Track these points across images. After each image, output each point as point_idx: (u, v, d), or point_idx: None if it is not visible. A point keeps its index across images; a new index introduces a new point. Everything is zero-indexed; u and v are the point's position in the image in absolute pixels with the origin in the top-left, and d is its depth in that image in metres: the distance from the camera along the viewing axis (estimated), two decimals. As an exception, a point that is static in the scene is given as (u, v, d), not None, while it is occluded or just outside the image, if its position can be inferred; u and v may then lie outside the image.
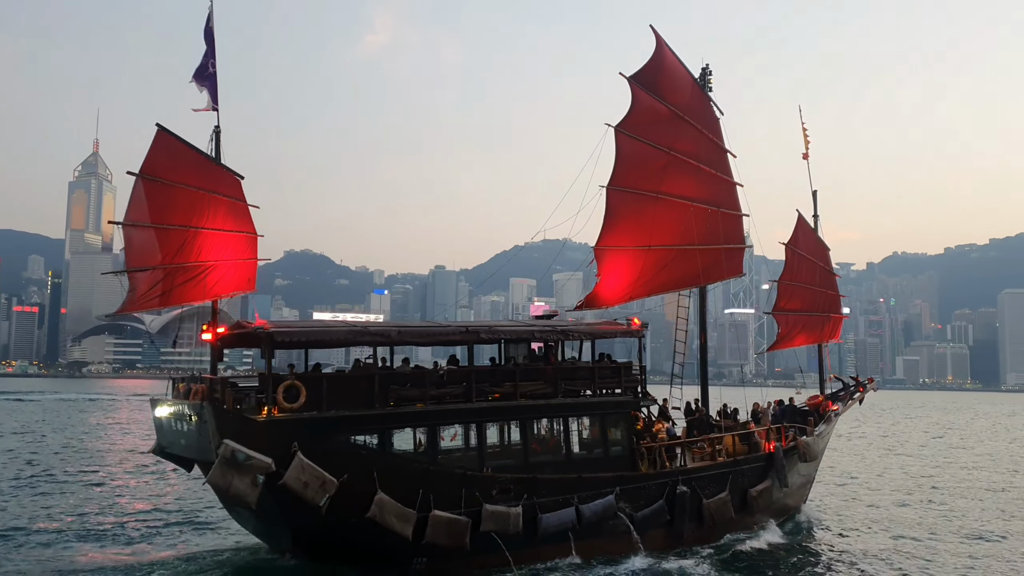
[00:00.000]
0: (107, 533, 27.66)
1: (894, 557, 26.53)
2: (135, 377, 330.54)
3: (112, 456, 52.76)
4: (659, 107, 29.11)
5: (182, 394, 22.27)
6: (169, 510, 32.41)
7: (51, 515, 30.77)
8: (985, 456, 63.46)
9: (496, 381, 23.89)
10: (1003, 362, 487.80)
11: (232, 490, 19.44)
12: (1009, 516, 34.71)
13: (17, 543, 26.04)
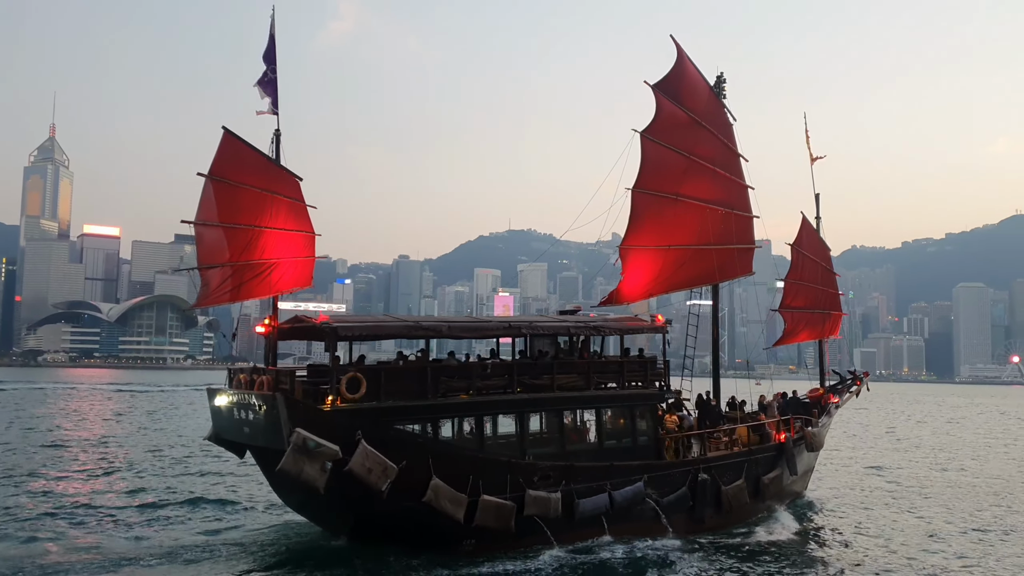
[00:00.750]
0: (160, 516, 29.09)
1: (891, 534, 29.01)
2: (93, 366, 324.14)
3: (165, 442, 54.98)
4: (680, 114, 30.71)
5: (244, 385, 23.42)
6: (222, 493, 34.05)
7: (112, 498, 32.37)
8: (956, 440, 70.54)
9: (535, 374, 25.23)
10: (957, 354, 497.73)
11: (303, 476, 20.42)
12: (982, 493, 39.02)
13: (88, 526, 27.33)
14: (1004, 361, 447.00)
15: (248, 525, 27.74)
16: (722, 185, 31.95)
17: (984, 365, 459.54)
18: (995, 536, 29.15)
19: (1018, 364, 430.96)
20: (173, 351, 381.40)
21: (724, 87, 33.34)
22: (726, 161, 32.16)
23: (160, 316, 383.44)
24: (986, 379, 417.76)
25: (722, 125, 32.40)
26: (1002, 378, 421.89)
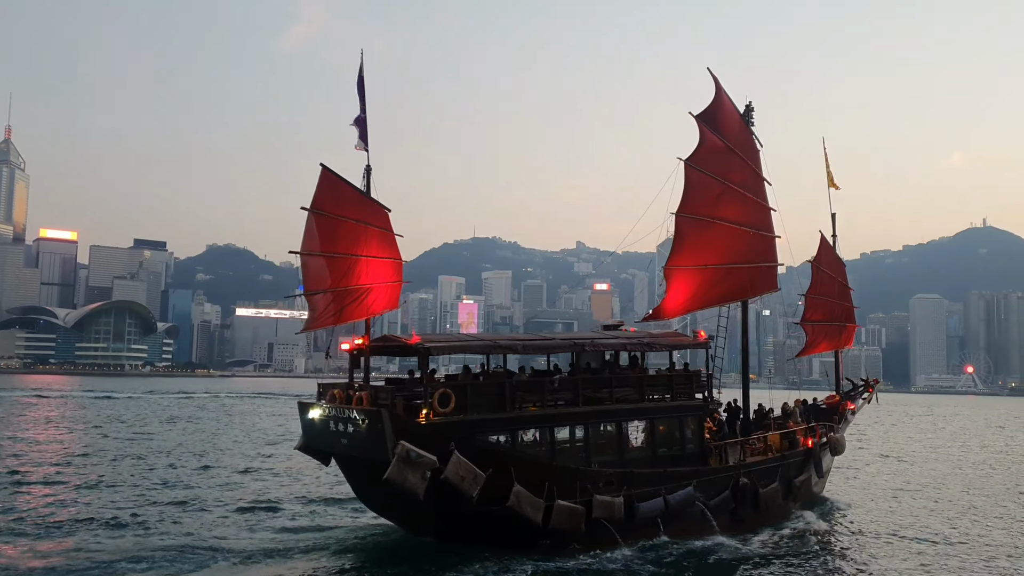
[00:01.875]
0: (248, 518, 31.17)
1: (904, 530, 32.19)
2: (48, 373, 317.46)
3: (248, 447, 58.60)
4: (717, 142, 32.99)
5: (340, 400, 25.66)
6: (309, 495, 36.45)
7: (205, 499, 35.00)
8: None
9: (596, 388, 27.56)
10: (913, 364, 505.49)
11: (407, 484, 22.50)
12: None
13: (184, 525, 29.59)
14: (959, 371, 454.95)
15: (328, 526, 29.70)
16: (751, 208, 34.37)
17: (939, 375, 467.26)
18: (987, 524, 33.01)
19: (972, 374, 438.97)
20: (131, 357, 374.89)
21: (752, 115, 35.75)
22: (754, 185, 34.64)
23: (118, 322, 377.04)
24: (941, 388, 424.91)
25: (751, 152, 34.84)
26: (956, 387, 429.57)
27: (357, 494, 28.10)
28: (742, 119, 34.89)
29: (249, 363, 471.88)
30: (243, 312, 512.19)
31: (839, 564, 26.45)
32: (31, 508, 32.06)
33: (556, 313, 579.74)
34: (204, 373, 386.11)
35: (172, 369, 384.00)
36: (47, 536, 27.14)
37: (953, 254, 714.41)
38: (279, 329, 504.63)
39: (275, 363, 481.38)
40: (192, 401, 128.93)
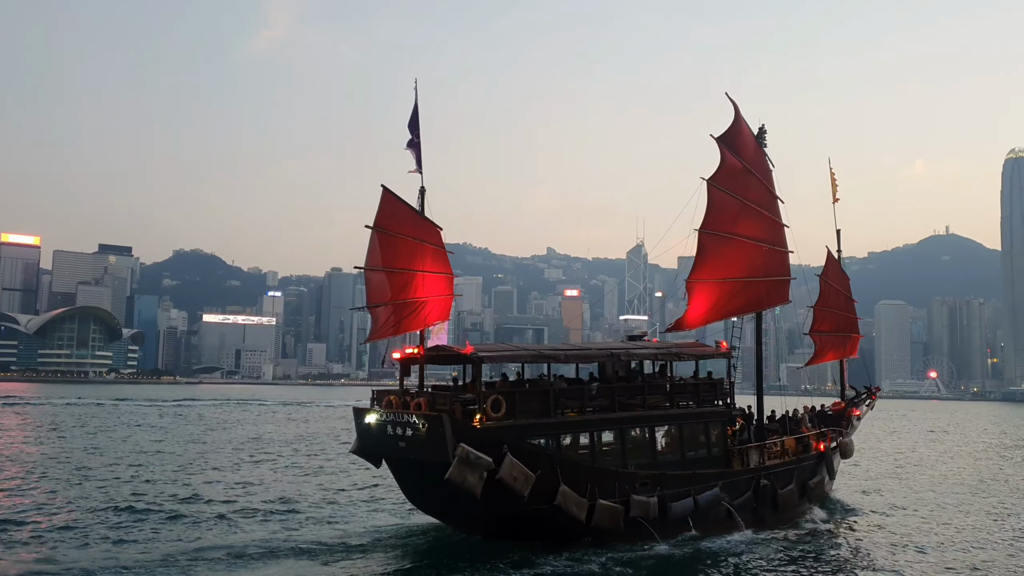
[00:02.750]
0: (295, 517, 33.23)
1: (909, 521, 36.11)
2: (9, 380, 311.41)
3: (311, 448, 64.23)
4: (736, 163, 35.00)
5: (396, 406, 27.26)
6: (351, 496, 39.16)
7: (260, 499, 37.37)
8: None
9: (630, 395, 29.62)
10: (878, 370, 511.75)
11: (466, 483, 24.06)
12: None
13: (233, 523, 31.61)
14: (922, 376, 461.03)
15: (378, 525, 31.51)
16: (766, 225, 36.51)
17: (904, 380, 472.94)
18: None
19: (935, 379, 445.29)
20: (96, 364, 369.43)
21: (765, 137, 38.03)
22: (769, 203, 36.77)
23: (82, 328, 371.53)
24: (906, 393, 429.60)
25: (765, 171, 37.03)
26: (920, 392, 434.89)
27: (407, 495, 29.58)
28: (756, 141, 37.13)
29: (216, 370, 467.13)
30: (210, 318, 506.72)
31: (853, 558, 28.60)
32: (41, 519, 32.11)
33: (527, 319, 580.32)
34: (170, 380, 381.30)
35: (137, 376, 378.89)
36: (90, 547, 27.54)
37: (917, 261, 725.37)
38: (246, 335, 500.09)
39: (243, 370, 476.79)
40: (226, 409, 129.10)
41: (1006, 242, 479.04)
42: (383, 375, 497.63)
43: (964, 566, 27.94)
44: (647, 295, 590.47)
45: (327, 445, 68.12)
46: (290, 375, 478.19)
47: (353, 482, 43.92)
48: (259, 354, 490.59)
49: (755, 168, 35.94)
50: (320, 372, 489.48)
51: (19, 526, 30.35)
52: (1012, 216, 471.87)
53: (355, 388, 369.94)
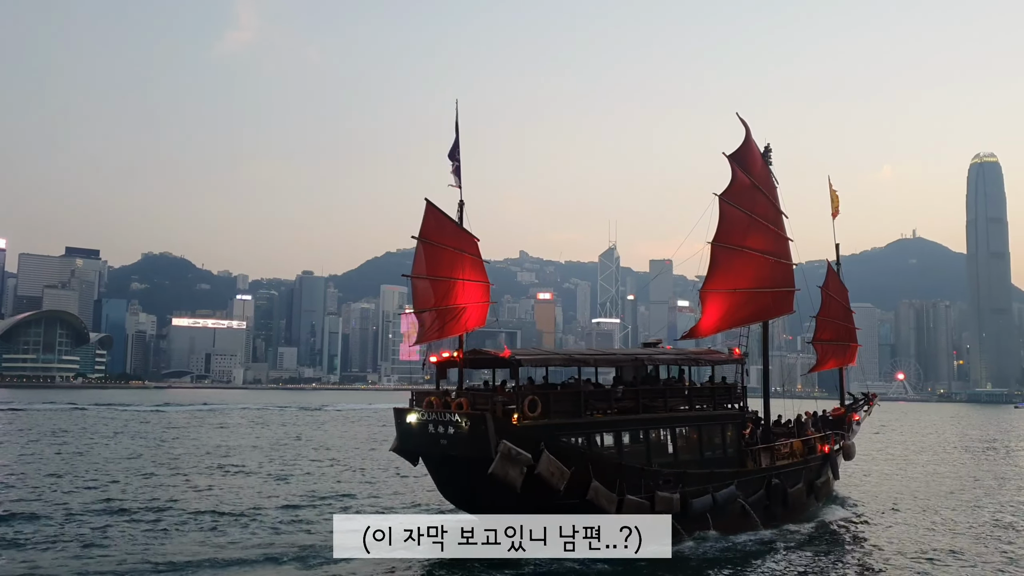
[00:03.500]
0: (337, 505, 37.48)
1: (905, 515, 39.12)
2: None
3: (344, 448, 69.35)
4: (745, 180, 36.97)
5: (437, 406, 28.72)
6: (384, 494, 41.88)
7: (315, 495, 40.87)
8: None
9: (653, 398, 31.35)
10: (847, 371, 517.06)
11: (508, 477, 25.72)
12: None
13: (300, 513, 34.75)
14: (890, 378, 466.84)
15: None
16: (772, 238, 38.50)
17: (872, 382, 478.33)
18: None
19: (903, 381, 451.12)
20: (62, 369, 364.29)
21: (770, 155, 40.19)
22: (775, 218, 38.86)
23: (48, 332, 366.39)
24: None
25: (771, 188, 39.14)
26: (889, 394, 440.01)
27: (442, 490, 31.24)
28: (763, 159, 39.23)
29: (186, 374, 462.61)
30: (179, 322, 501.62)
31: (858, 554, 30.64)
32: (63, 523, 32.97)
33: (499, 323, 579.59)
34: (139, 384, 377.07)
35: (105, 381, 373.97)
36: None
37: (884, 264, 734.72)
38: (216, 339, 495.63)
39: (213, 374, 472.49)
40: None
41: (971, 245, 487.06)
42: (354, 379, 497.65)
43: (957, 550, 31.10)
44: (619, 298, 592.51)
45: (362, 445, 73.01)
46: (261, 379, 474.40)
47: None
48: (229, 358, 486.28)
49: (762, 185, 38.07)
50: (291, 376, 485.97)
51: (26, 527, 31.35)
52: (977, 220, 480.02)
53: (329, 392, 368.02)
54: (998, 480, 55.55)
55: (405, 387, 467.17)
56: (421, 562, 26.31)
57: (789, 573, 27.20)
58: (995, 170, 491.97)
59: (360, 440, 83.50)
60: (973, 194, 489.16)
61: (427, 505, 37.18)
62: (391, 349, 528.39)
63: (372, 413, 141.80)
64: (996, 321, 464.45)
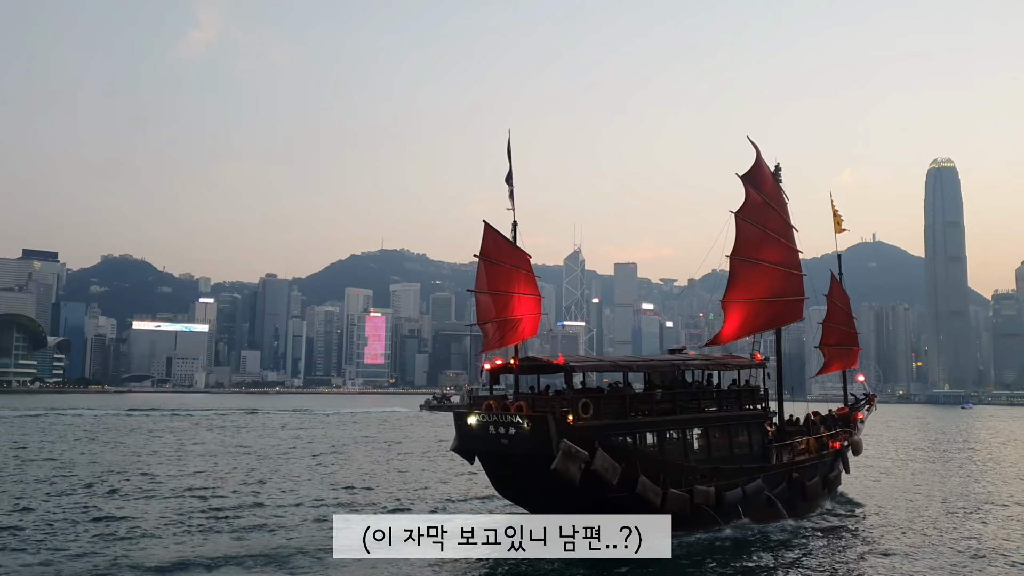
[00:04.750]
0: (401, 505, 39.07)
1: (908, 504, 43.30)
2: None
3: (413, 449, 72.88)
4: (758, 198, 39.89)
5: (496, 409, 31.19)
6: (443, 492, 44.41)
7: (378, 495, 43.19)
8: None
9: (688, 400, 34.41)
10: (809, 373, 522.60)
11: (568, 473, 28.36)
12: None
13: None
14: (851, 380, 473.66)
15: (468, 515, 34.51)
16: (784, 251, 41.39)
17: (833, 384, 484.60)
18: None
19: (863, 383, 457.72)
20: (19, 374, 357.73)
21: (780, 174, 43.01)
22: (786, 232, 41.74)
23: (4, 337, 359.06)
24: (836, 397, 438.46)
25: (781, 204, 42.02)
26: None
27: (497, 486, 33.67)
28: (774, 177, 42.15)
29: (147, 378, 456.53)
30: (140, 325, 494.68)
31: (876, 537, 33.97)
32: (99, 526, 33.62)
33: (465, 325, 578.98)
34: (98, 389, 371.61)
35: (64, 385, 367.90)
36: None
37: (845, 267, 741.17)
38: (178, 343, 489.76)
39: (174, 378, 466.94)
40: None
41: (929, 249, 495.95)
42: (319, 383, 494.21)
43: (957, 535, 34.86)
44: (584, 301, 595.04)
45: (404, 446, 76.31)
46: (223, 383, 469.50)
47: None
48: (191, 362, 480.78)
49: (773, 202, 41.09)
50: (254, 380, 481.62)
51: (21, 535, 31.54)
52: (935, 224, 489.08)
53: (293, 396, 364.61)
54: (963, 476, 59.98)
55: (371, 391, 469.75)
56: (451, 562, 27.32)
57: (814, 555, 30.62)
58: (952, 175, 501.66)
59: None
60: (931, 199, 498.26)
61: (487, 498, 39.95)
62: (356, 352, 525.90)
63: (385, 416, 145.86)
64: (953, 324, 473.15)
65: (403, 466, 59.52)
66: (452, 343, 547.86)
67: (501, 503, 36.50)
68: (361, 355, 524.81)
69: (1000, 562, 29.96)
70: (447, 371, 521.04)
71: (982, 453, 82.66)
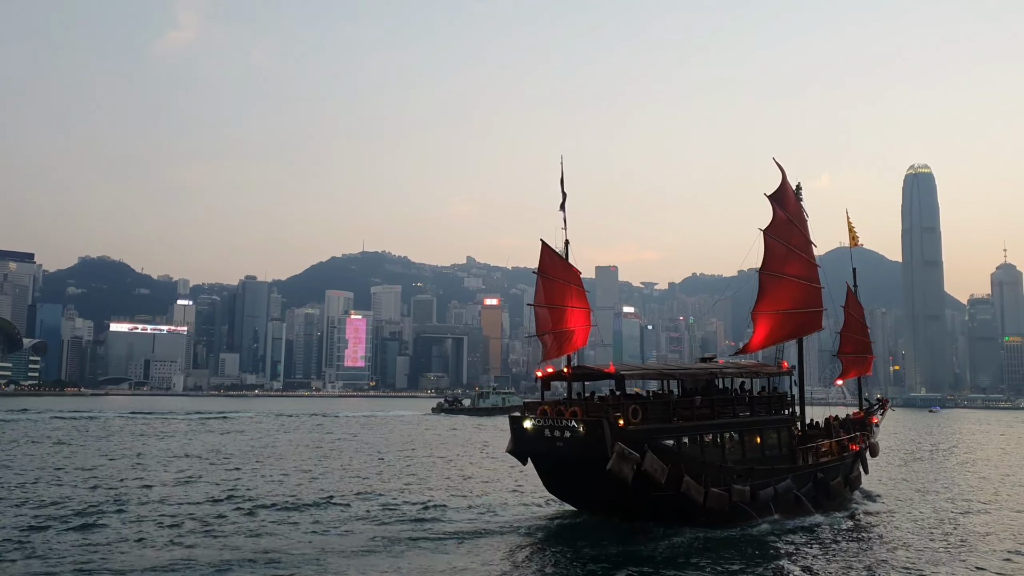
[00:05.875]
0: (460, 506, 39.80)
1: (924, 499, 46.21)
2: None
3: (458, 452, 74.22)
4: (783, 216, 42.88)
5: (551, 415, 33.86)
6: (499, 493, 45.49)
7: (425, 496, 43.59)
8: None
9: (724, 406, 37.16)
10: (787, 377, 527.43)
11: (622, 473, 30.90)
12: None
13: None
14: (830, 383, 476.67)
15: (522, 514, 37.48)
16: (805, 266, 44.21)
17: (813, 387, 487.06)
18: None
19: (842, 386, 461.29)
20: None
21: (800, 193, 46.07)
22: (807, 248, 44.64)
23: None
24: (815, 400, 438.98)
25: (802, 221, 45.05)
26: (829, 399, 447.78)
27: (549, 486, 36.37)
28: (796, 196, 45.05)
29: (124, 381, 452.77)
30: (118, 327, 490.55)
31: (896, 533, 35.83)
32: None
33: (446, 328, 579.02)
34: (74, 391, 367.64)
35: (39, 388, 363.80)
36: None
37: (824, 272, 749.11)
38: (156, 345, 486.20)
39: (152, 380, 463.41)
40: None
41: (906, 254, 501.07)
42: (297, 386, 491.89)
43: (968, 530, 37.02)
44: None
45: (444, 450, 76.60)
46: (202, 386, 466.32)
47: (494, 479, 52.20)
48: (169, 364, 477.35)
49: (796, 220, 44.03)
50: (233, 383, 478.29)
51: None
52: (912, 229, 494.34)
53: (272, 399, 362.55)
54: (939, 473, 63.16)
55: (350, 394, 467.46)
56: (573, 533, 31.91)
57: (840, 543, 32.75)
58: (929, 181, 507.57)
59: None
60: (908, 204, 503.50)
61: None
62: (336, 355, 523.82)
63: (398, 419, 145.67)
64: (930, 328, 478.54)
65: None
66: (433, 346, 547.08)
67: None
68: (341, 358, 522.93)
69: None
70: (428, 374, 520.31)
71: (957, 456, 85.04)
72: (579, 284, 38.64)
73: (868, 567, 28.75)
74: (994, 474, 62.85)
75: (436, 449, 77.96)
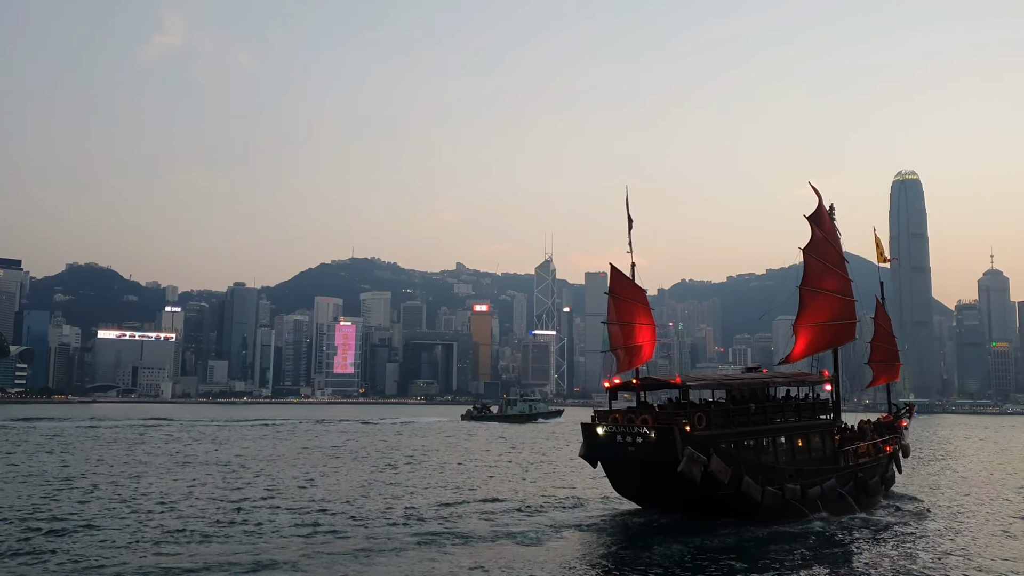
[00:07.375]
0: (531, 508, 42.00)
1: (952, 495, 51.35)
2: None
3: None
4: (820, 235, 46.60)
5: (622, 422, 37.47)
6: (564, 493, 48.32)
7: (498, 495, 46.74)
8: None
9: (775, 412, 40.76)
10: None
11: (691, 475, 34.32)
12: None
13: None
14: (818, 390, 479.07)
15: (596, 513, 40.25)
16: (840, 281, 47.51)
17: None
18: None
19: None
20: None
21: (834, 213, 49.11)
22: (840, 264, 47.90)
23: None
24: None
25: (836, 240, 48.51)
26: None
27: (618, 487, 39.85)
28: (829, 215, 48.47)
29: (112, 388, 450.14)
30: (105, 334, 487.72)
31: (929, 525, 39.52)
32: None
33: (435, 335, 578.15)
34: (62, 399, 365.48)
35: (26, 395, 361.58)
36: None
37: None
38: (144, 352, 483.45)
39: (140, 388, 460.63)
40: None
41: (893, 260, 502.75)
42: (287, 392, 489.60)
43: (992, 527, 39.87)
44: (555, 310, 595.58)
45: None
46: (190, 393, 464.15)
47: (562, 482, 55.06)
48: (157, 371, 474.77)
49: (831, 239, 47.63)
50: (222, 390, 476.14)
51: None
52: (899, 235, 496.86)
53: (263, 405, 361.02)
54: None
55: (339, 400, 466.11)
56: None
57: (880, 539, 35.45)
58: (916, 187, 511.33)
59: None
60: (896, 210, 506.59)
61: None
62: (325, 362, 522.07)
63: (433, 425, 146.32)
64: (918, 333, 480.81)
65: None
66: (423, 352, 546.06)
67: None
68: (331, 364, 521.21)
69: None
70: (417, 380, 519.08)
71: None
72: (645, 303, 43.28)
73: (938, 556, 31.67)
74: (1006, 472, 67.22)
75: (509, 455, 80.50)
